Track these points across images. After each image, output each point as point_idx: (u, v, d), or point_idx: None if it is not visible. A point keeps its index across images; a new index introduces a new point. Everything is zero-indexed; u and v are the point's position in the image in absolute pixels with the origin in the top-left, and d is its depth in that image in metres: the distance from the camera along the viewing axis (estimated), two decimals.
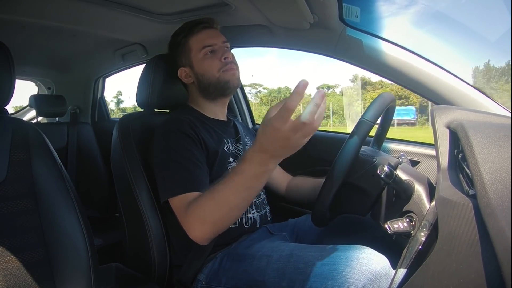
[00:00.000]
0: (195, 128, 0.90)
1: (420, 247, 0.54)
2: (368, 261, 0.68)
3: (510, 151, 0.40)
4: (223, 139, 0.96)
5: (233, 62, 0.99)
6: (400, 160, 0.80)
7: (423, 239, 0.54)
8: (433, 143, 0.58)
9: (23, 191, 0.70)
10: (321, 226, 0.79)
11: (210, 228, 0.74)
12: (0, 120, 0.74)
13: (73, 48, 1.67)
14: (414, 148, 1.10)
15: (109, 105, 2.28)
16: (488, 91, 0.90)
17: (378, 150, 0.88)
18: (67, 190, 0.75)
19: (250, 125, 1.59)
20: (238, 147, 1.00)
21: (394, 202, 0.71)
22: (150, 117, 1.08)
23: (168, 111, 1.16)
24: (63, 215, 0.73)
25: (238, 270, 0.82)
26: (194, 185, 0.80)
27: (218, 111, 1.03)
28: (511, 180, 0.36)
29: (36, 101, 1.83)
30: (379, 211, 0.75)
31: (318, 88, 0.60)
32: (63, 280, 0.70)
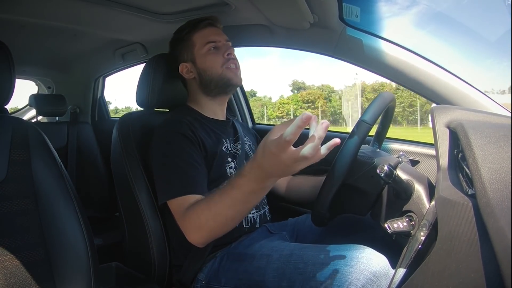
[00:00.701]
0: (193, 129, 0.90)
1: (419, 246, 0.54)
2: (368, 260, 0.68)
3: (510, 151, 0.40)
4: (222, 139, 0.96)
5: (236, 59, 1.00)
6: (400, 159, 0.80)
7: (422, 238, 0.54)
8: (433, 143, 0.58)
9: (23, 190, 0.70)
10: (320, 226, 0.79)
11: (206, 234, 0.75)
12: (0, 119, 0.74)
13: (73, 48, 1.67)
14: (414, 147, 1.10)
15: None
16: None
17: (378, 150, 0.88)
18: (67, 189, 0.75)
19: (250, 124, 1.59)
20: (237, 146, 1.00)
21: (394, 202, 0.71)
22: (150, 116, 1.08)
23: (168, 110, 1.16)
24: (63, 214, 0.73)
25: (238, 270, 0.82)
26: (192, 188, 0.81)
27: (217, 109, 1.03)
28: (510, 180, 0.36)
29: (36, 101, 1.83)
30: (379, 210, 0.75)
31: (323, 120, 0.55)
32: (63, 280, 0.70)
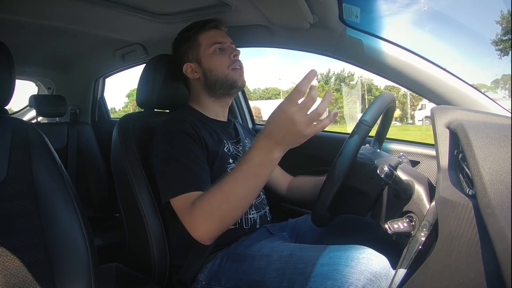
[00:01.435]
0: (196, 128, 0.89)
1: (420, 247, 0.54)
2: (368, 261, 0.68)
3: (510, 151, 0.40)
4: (223, 140, 0.96)
5: (241, 62, 1.00)
6: (400, 160, 0.80)
7: (423, 239, 0.54)
8: (433, 143, 0.58)
9: (23, 191, 0.70)
10: (321, 226, 0.79)
11: (215, 223, 0.74)
12: (0, 120, 0.74)
13: (73, 48, 1.67)
14: (414, 148, 1.10)
15: None
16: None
17: (378, 150, 0.88)
18: (67, 190, 0.75)
19: (250, 125, 1.59)
20: (238, 148, 1.00)
21: (394, 202, 0.71)
22: (150, 117, 1.08)
23: (168, 111, 1.16)
24: (63, 215, 0.73)
25: (238, 270, 0.82)
26: (197, 184, 0.80)
27: (219, 111, 1.03)
28: (511, 180, 0.36)
29: (36, 101, 1.83)
30: (379, 211, 0.75)
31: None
32: (63, 280, 0.70)
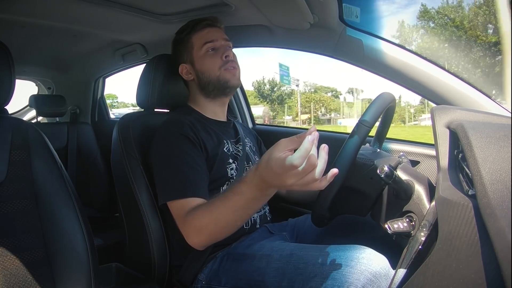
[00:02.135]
0: (195, 130, 0.90)
1: (420, 247, 0.54)
2: (368, 261, 0.68)
3: (510, 151, 0.40)
4: (223, 140, 0.96)
5: (234, 61, 0.99)
6: (400, 160, 0.80)
7: (423, 239, 0.54)
8: (433, 143, 0.58)
9: (23, 191, 0.70)
10: (320, 226, 0.79)
11: (206, 238, 0.76)
12: (0, 120, 0.74)
13: (73, 48, 1.67)
14: (414, 148, 1.10)
15: None
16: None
17: (379, 150, 0.88)
18: (67, 190, 0.75)
19: (250, 125, 1.59)
20: (238, 148, 1.00)
21: (394, 202, 0.71)
22: (150, 117, 1.08)
23: (168, 111, 1.16)
24: (63, 215, 0.73)
25: (238, 270, 0.82)
26: (193, 191, 0.81)
27: (218, 110, 1.03)
28: (511, 180, 0.36)
29: (36, 101, 1.83)
30: (379, 211, 0.75)
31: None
32: (63, 280, 0.70)
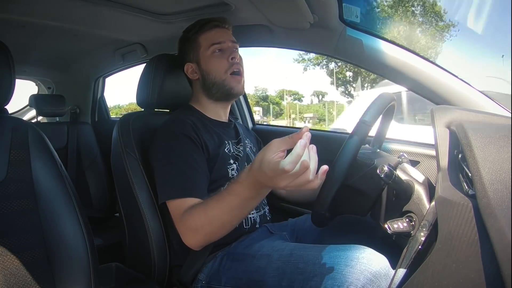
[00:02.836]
0: (197, 130, 0.90)
1: (419, 247, 0.54)
2: (368, 261, 0.68)
3: (510, 151, 0.40)
4: (224, 141, 0.96)
5: (240, 64, 0.99)
6: (400, 160, 0.80)
7: (422, 239, 0.54)
8: (433, 143, 0.58)
9: (23, 190, 0.70)
10: (321, 226, 0.79)
11: (202, 238, 0.77)
12: (0, 119, 0.74)
13: (73, 48, 1.67)
14: (414, 148, 1.10)
15: None
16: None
17: (378, 150, 0.88)
18: (67, 190, 0.75)
19: (250, 125, 1.59)
20: (239, 148, 1.00)
21: (394, 202, 0.71)
22: (150, 117, 1.08)
23: (168, 111, 1.16)
24: (63, 215, 0.73)
25: (238, 270, 0.82)
26: (191, 191, 0.81)
27: (220, 111, 1.03)
28: (510, 180, 0.36)
29: (36, 101, 1.82)
30: (379, 211, 0.75)
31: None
32: (63, 280, 0.70)
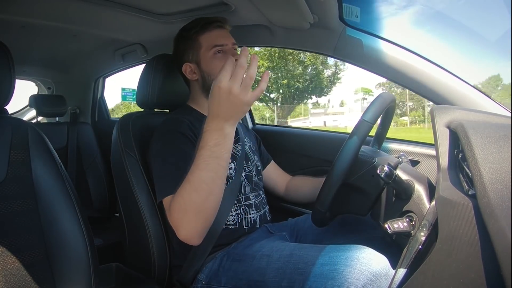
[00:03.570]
0: (194, 129, 0.89)
1: (420, 247, 0.54)
2: (368, 261, 0.68)
3: (510, 151, 0.40)
4: None
5: None
6: (400, 160, 0.80)
7: (423, 239, 0.54)
8: (433, 143, 0.58)
9: (23, 191, 0.70)
10: (321, 226, 0.79)
11: (193, 217, 0.71)
12: (0, 120, 0.74)
13: (73, 48, 1.67)
14: (414, 148, 1.10)
15: None
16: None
17: (378, 150, 0.88)
18: (66, 190, 0.75)
19: (250, 125, 1.59)
20: (237, 147, 1.00)
21: (394, 202, 0.71)
22: (150, 117, 1.08)
23: (168, 111, 1.17)
24: (63, 215, 0.73)
25: (238, 270, 0.82)
26: None
27: None
28: (511, 180, 0.36)
29: (36, 101, 1.83)
30: (379, 211, 0.75)
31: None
32: (63, 280, 0.70)
